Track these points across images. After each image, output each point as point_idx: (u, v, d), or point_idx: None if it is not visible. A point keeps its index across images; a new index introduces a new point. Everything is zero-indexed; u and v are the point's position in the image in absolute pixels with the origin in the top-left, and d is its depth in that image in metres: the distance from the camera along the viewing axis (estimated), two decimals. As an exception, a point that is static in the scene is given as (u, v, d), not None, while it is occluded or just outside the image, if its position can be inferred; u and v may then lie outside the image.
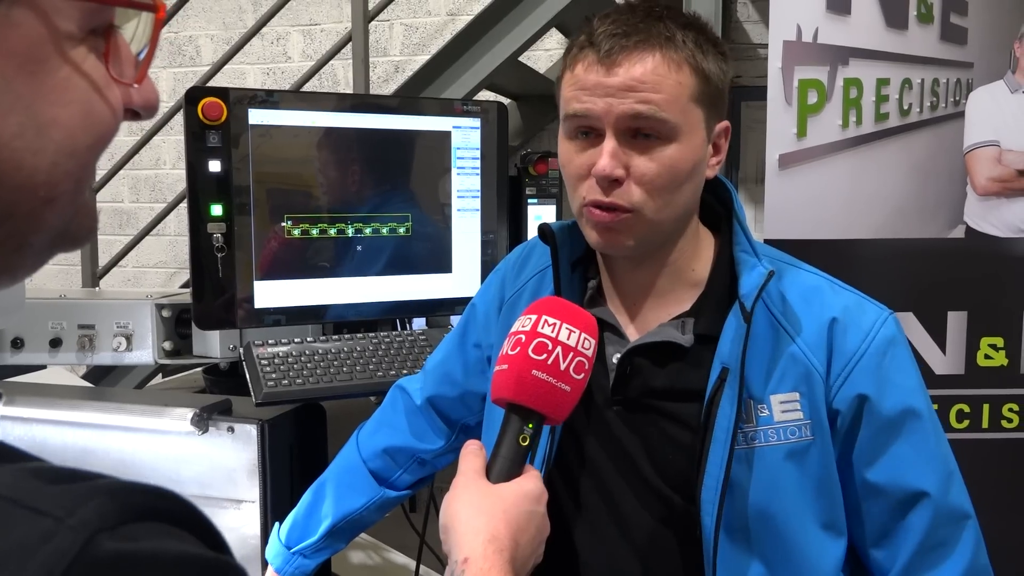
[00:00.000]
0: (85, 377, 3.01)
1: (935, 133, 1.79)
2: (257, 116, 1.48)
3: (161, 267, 4.49)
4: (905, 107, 1.76)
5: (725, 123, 1.00)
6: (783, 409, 0.96)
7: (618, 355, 1.01)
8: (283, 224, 1.52)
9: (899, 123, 1.77)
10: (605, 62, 0.92)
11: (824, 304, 0.99)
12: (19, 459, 0.39)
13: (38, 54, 0.40)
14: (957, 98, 1.79)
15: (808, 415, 0.96)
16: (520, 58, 3.09)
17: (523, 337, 0.83)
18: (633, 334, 1.03)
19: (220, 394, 1.49)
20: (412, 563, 1.74)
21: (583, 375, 0.84)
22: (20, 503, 0.34)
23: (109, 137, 0.45)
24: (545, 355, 0.82)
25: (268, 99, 1.50)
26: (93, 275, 3.45)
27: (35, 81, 0.41)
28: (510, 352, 0.84)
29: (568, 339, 0.83)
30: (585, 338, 0.84)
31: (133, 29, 0.46)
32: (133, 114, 0.47)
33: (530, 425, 0.82)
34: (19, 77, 0.40)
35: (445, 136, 1.64)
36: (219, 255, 1.46)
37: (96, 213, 0.48)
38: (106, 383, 3.07)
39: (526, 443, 0.82)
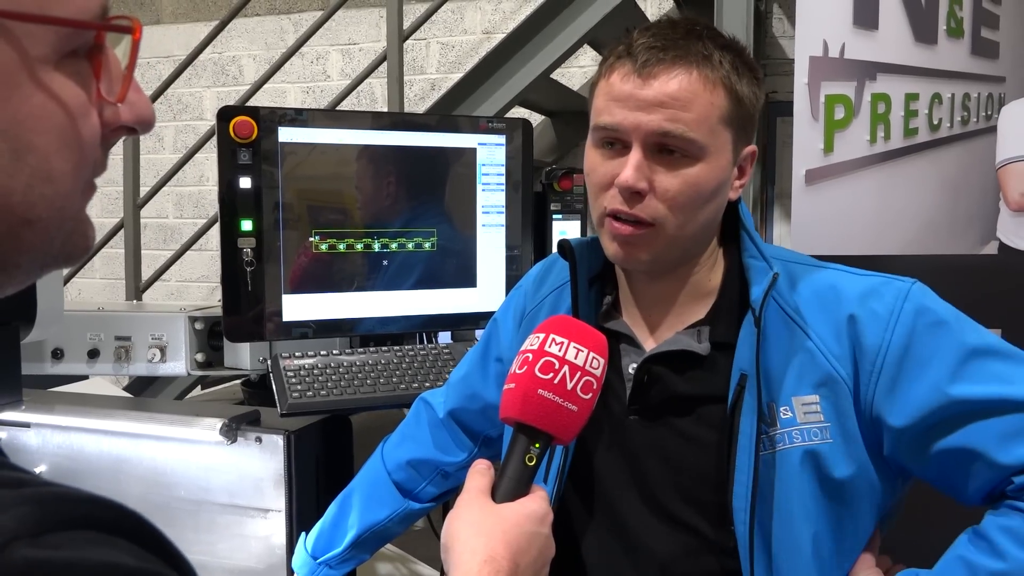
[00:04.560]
0: (127, 388, 3.09)
1: (966, 148, 1.77)
2: (287, 134, 1.52)
3: (203, 281, 4.58)
4: (935, 122, 1.74)
5: (753, 148, 1.01)
6: (805, 411, 0.95)
7: (634, 365, 1.01)
8: (311, 239, 1.55)
9: (929, 138, 1.75)
10: (641, 73, 0.92)
11: (840, 300, 0.97)
12: None
13: (12, 80, 0.41)
14: (989, 112, 1.77)
15: (828, 418, 0.95)
16: (554, 75, 3.12)
17: (530, 356, 0.83)
18: (649, 345, 1.03)
19: (255, 406, 1.52)
20: (437, 574, 1.75)
21: (591, 395, 0.83)
22: None
23: (88, 162, 0.45)
24: (552, 374, 0.81)
25: (297, 117, 1.54)
26: (136, 289, 3.54)
27: (10, 107, 0.41)
28: (517, 371, 0.83)
29: (576, 358, 0.82)
30: (594, 357, 0.83)
31: (124, 49, 0.46)
32: (129, 130, 0.47)
33: (536, 445, 0.81)
34: None
35: (471, 153, 1.66)
36: (249, 269, 1.50)
37: (91, 233, 0.48)
38: (147, 394, 3.14)
39: (532, 463, 0.81)
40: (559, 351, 0.82)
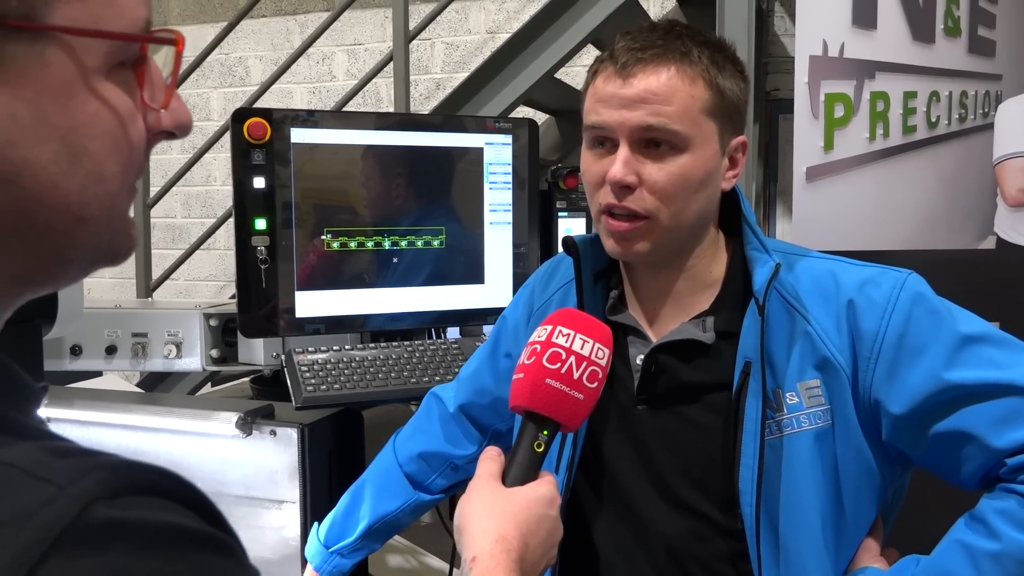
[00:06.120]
0: (139, 385, 3.13)
1: (964, 145, 1.80)
2: (299, 135, 1.56)
3: (211, 280, 4.62)
4: (933, 119, 1.77)
5: (742, 138, 1.04)
6: (809, 395, 0.98)
7: (642, 356, 1.05)
8: (323, 237, 1.59)
9: (927, 135, 1.78)
10: (622, 74, 0.97)
11: (839, 287, 1.00)
12: (44, 438, 0.43)
13: (70, 89, 0.45)
14: (986, 110, 1.80)
15: (828, 401, 0.98)
16: (558, 75, 3.15)
17: (538, 347, 0.87)
18: (655, 336, 1.06)
19: (264, 401, 1.55)
20: (447, 566, 1.78)
21: (596, 384, 0.87)
22: (28, 472, 0.38)
23: (135, 165, 0.49)
24: (559, 364, 0.85)
25: (309, 119, 1.58)
26: (147, 287, 3.58)
27: (68, 114, 0.45)
28: (526, 361, 0.87)
29: (582, 349, 0.86)
30: (599, 348, 0.87)
31: (163, 57, 0.50)
32: (168, 135, 0.51)
33: (544, 432, 0.86)
34: (54, 110, 0.44)
35: (478, 152, 1.70)
36: (263, 267, 1.54)
37: (135, 233, 0.52)
38: (159, 391, 3.18)
39: (540, 449, 0.85)
40: (566, 342, 0.86)
